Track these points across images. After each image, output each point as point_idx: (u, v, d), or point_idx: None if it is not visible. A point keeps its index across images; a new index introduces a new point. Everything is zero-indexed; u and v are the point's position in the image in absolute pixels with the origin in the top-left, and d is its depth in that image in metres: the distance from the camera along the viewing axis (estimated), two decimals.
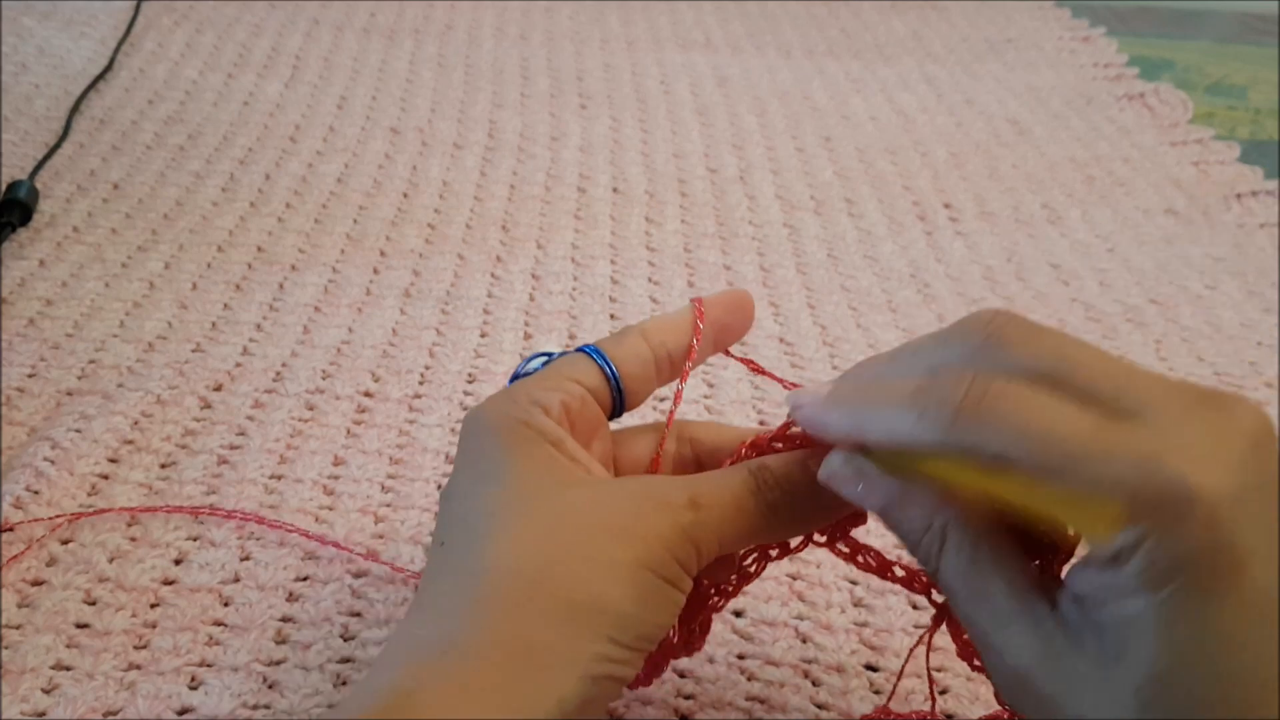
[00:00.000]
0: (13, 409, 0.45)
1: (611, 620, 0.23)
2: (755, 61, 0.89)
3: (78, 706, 0.33)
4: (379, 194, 0.65)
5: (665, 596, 0.24)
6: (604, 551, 0.24)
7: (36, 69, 0.76)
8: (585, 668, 0.22)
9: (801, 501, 0.26)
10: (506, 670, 0.22)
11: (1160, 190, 0.72)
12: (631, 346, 0.29)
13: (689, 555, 0.24)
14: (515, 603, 0.23)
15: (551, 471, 0.25)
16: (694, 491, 0.25)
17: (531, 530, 0.24)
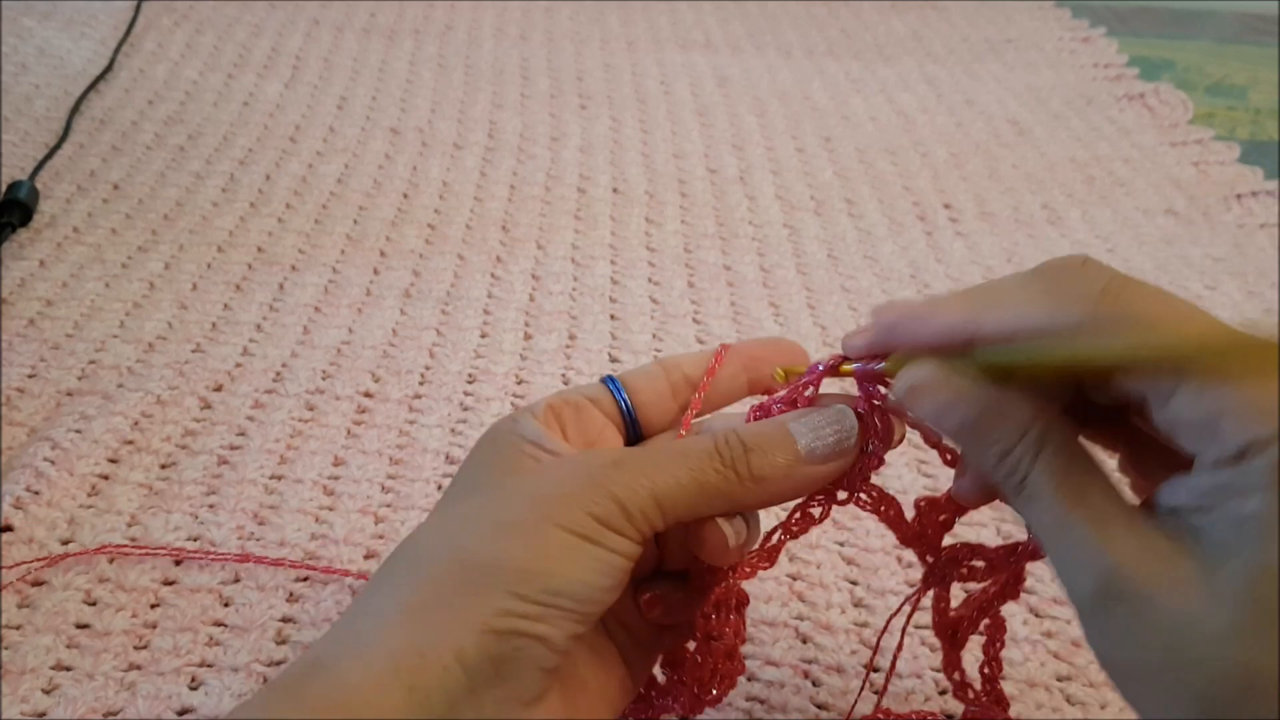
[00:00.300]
0: (13, 409, 0.45)
1: (512, 576, 0.23)
2: (755, 62, 0.89)
3: (78, 707, 0.33)
4: (379, 194, 0.65)
5: (583, 553, 0.24)
6: (508, 513, 0.25)
7: (37, 69, 0.76)
8: (485, 622, 0.23)
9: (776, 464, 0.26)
10: (404, 631, 0.23)
11: (1160, 191, 0.72)
12: (647, 373, 0.30)
13: (612, 512, 0.24)
14: (419, 572, 0.24)
15: (508, 463, 0.26)
16: (624, 453, 0.26)
17: (454, 512, 0.26)
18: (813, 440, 0.26)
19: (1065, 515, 0.22)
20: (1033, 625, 0.38)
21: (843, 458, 0.26)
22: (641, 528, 0.25)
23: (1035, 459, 0.23)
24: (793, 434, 0.26)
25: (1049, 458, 0.23)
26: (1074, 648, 0.37)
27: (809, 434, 0.26)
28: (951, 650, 0.30)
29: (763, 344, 0.31)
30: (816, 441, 0.26)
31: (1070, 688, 0.36)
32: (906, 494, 0.36)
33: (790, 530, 0.28)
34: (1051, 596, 0.39)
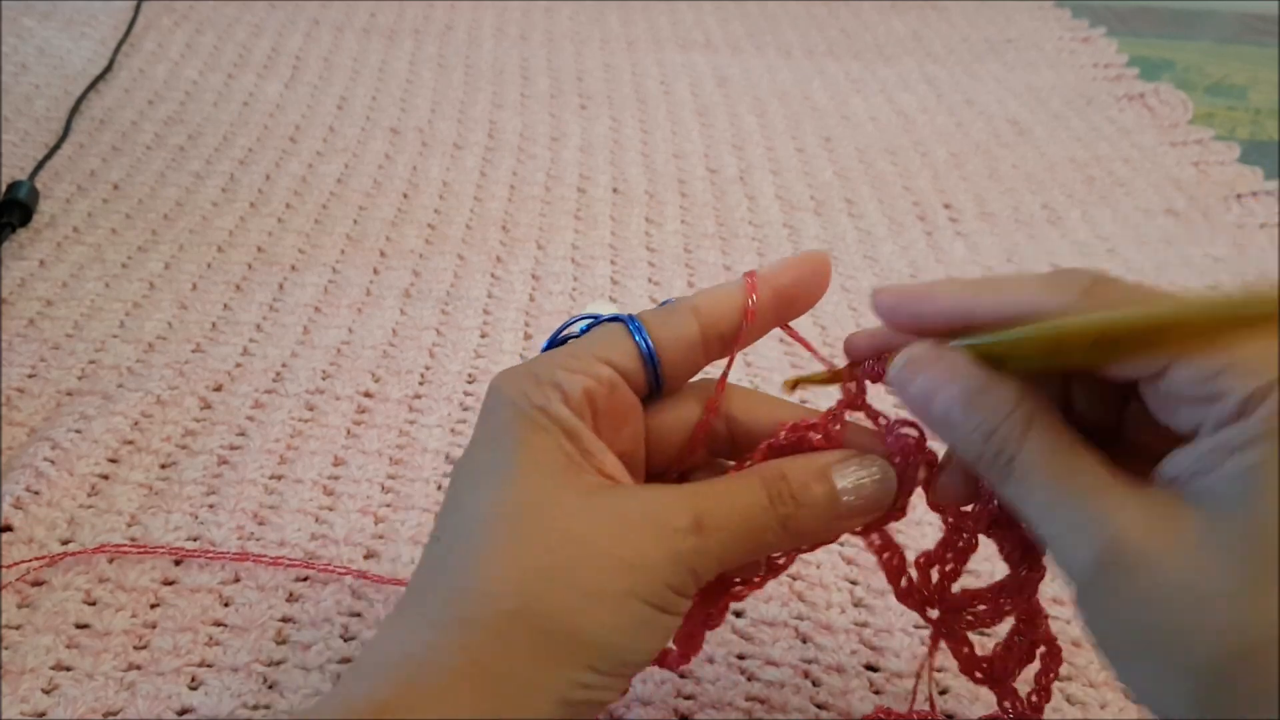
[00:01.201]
0: (13, 409, 0.45)
1: (593, 650, 0.23)
2: (755, 62, 0.89)
3: (78, 707, 0.33)
4: (379, 194, 0.65)
5: (655, 623, 0.24)
6: (593, 581, 0.23)
7: (36, 69, 0.76)
8: (562, 695, 0.22)
9: (819, 517, 0.26)
10: (481, 695, 0.22)
11: (1160, 191, 0.72)
12: (679, 327, 0.26)
13: (685, 582, 0.24)
14: (497, 627, 0.22)
15: (556, 474, 0.24)
16: (698, 512, 0.24)
17: (521, 548, 0.23)
18: (854, 499, 0.26)
19: (1059, 488, 0.22)
20: None
21: (875, 514, 0.27)
22: (699, 588, 0.25)
23: (1024, 437, 0.23)
24: (838, 489, 0.26)
25: (1038, 435, 0.23)
26: (1074, 648, 0.37)
27: (853, 491, 0.26)
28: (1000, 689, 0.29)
29: (786, 269, 0.27)
30: (857, 500, 0.26)
31: (1070, 688, 0.36)
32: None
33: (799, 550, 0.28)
34: (1051, 596, 0.39)
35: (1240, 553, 0.19)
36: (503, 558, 0.23)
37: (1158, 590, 0.20)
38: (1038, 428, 0.23)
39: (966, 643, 0.29)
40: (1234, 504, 0.20)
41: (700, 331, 0.26)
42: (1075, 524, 0.22)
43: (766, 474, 0.26)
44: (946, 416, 0.24)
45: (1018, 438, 0.23)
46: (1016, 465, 0.23)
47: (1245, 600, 0.19)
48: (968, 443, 0.24)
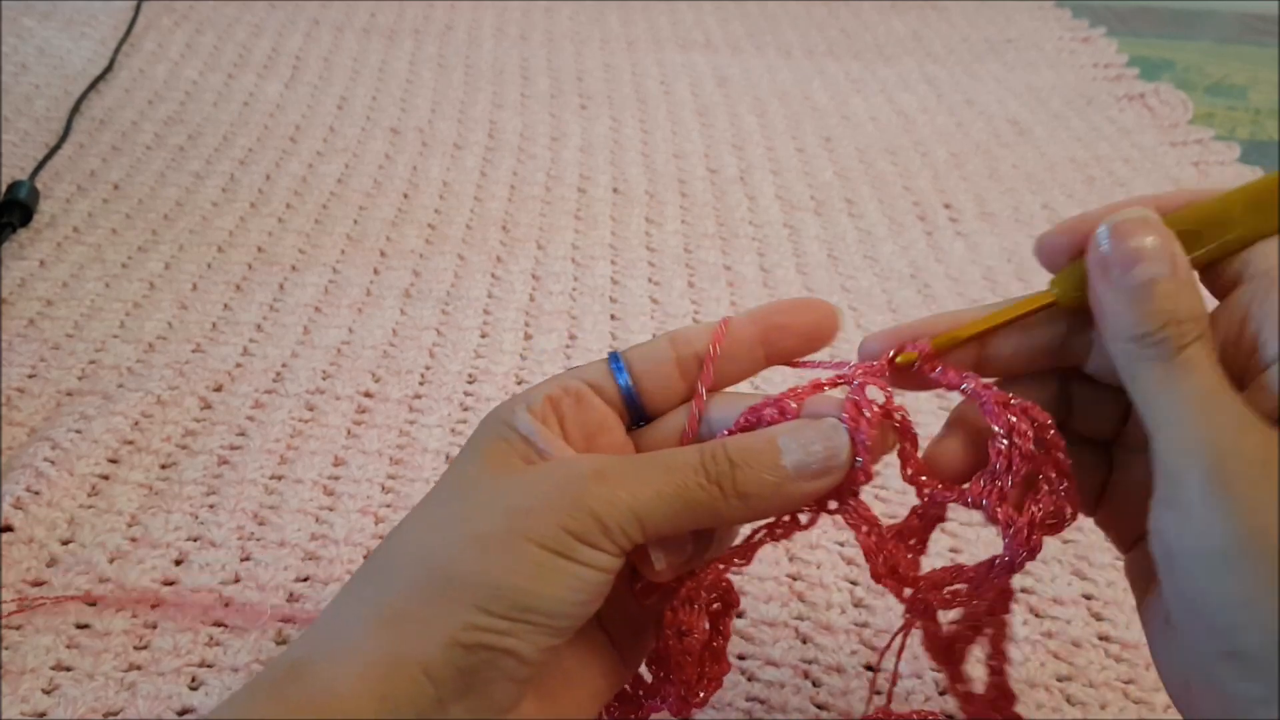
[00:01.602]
0: (13, 409, 0.45)
1: (479, 591, 0.23)
2: (755, 62, 0.89)
3: (78, 707, 0.33)
4: (379, 194, 0.65)
5: (554, 567, 0.23)
6: (480, 525, 0.24)
7: (37, 69, 0.76)
8: (452, 635, 0.23)
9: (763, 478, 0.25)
10: (377, 639, 0.23)
11: (1160, 190, 0.72)
12: (654, 353, 0.28)
13: (588, 527, 0.24)
14: (393, 577, 0.24)
15: (493, 461, 0.25)
16: (605, 463, 0.25)
17: (437, 514, 0.25)
18: (802, 456, 0.25)
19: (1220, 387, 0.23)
20: (1033, 625, 0.38)
21: (831, 475, 0.25)
22: (620, 542, 0.24)
23: (1198, 340, 0.23)
24: (781, 449, 0.25)
25: (1207, 344, 0.23)
26: (1074, 648, 0.37)
27: (798, 450, 0.25)
28: (952, 670, 0.30)
29: (780, 310, 0.28)
30: (806, 458, 0.25)
31: (1070, 688, 0.36)
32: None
33: (774, 534, 0.27)
34: (1051, 596, 0.39)
35: None
36: (413, 523, 0.26)
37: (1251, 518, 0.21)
38: (1207, 341, 0.23)
39: (934, 621, 0.29)
40: None
41: (676, 356, 0.27)
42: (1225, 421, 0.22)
43: (706, 443, 0.26)
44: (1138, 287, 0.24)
45: (1195, 336, 0.23)
46: (1189, 352, 0.23)
47: None
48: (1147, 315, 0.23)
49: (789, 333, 0.28)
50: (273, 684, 0.23)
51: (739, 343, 0.27)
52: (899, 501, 0.42)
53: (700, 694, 0.28)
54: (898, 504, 0.42)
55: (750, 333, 0.28)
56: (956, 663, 0.30)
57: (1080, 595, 0.39)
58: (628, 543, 0.24)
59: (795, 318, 0.28)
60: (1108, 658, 0.37)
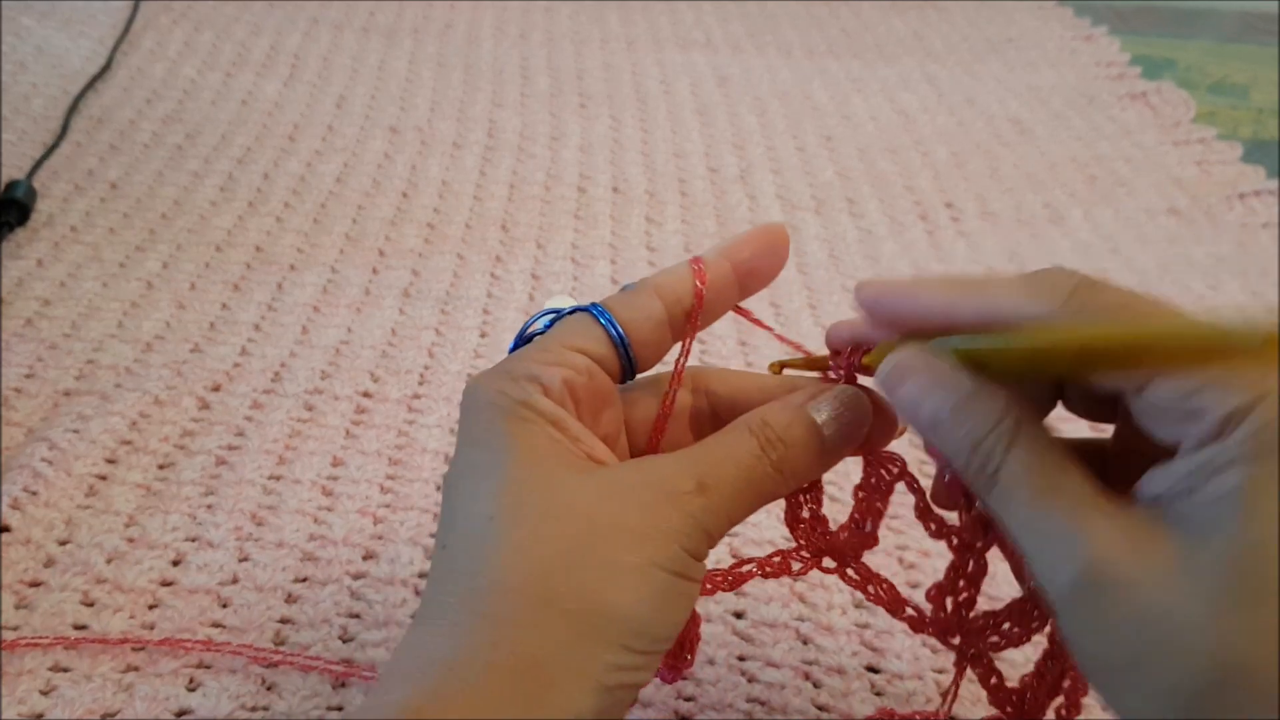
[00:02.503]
0: (10, 409, 0.45)
1: (624, 627, 0.22)
2: (755, 61, 0.88)
3: (75, 708, 0.32)
4: (378, 194, 0.65)
5: (679, 592, 0.23)
6: (612, 555, 0.22)
7: (34, 68, 0.76)
8: (598, 679, 0.22)
9: (808, 453, 0.26)
10: (516, 688, 0.21)
11: (1162, 190, 0.72)
12: (644, 307, 0.27)
13: (700, 544, 0.24)
14: (523, 617, 0.22)
15: (550, 461, 0.24)
16: (699, 472, 0.24)
17: (533, 536, 0.23)
18: (835, 426, 0.26)
19: (1039, 505, 0.22)
20: None
21: (856, 440, 0.27)
22: (712, 548, 0.24)
23: (1009, 449, 0.22)
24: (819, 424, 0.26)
25: (1023, 448, 0.22)
26: None
27: (832, 421, 0.26)
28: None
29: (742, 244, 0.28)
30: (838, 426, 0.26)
31: None
32: None
33: (765, 570, 0.27)
34: None
35: (1219, 578, 0.19)
36: (516, 548, 0.23)
37: (1135, 615, 0.20)
38: (1023, 440, 0.22)
39: (995, 672, 0.28)
40: (1213, 529, 0.19)
41: (665, 309, 0.27)
42: (1054, 543, 0.21)
43: (751, 423, 0.26)
44: (934, 423, 0.24)
45: (1003, 450, 0.22)
46: (1001, 477, 0.22)
47: (1225, 624, 0.19)
48: (956, 451, 0.23)
49: (758, 273, 0.28)
50: None
51: (718, 285, 0.27)
52: None
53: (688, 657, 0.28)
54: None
55: (725, 274, 0.27)
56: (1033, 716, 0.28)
57: None
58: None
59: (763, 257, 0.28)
60: None
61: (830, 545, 0.27)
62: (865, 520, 0.27)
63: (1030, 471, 0.22)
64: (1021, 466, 0.22)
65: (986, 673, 0.28)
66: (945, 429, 0.23)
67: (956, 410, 0.23)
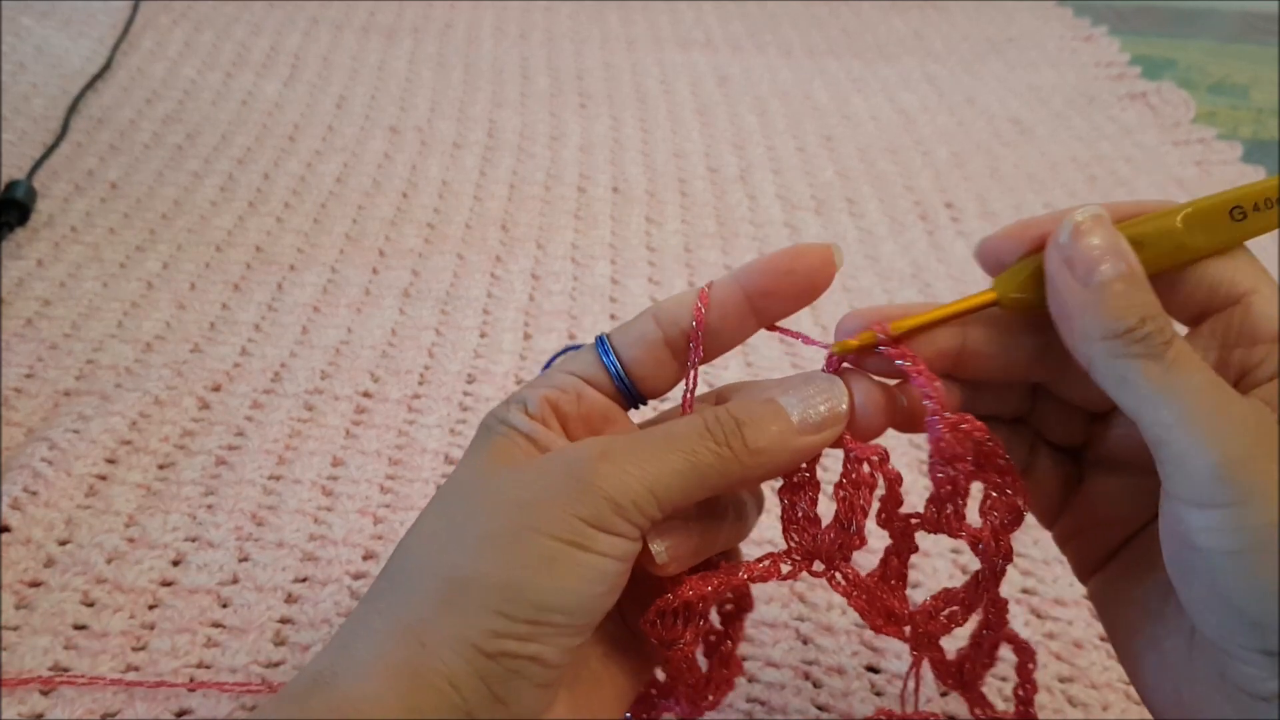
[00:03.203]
0: (10, 409, 0.45)
1: (496, 594, 0.22)
2: (756, 61, 0.88)
3: (75, 708, 0.32)
4: (378, 194, 0.65)
5: (567, 558, 0.22)
6: (488, 524, 0.23)
7: (34, 68, 0.76)
8: (474, 644, 0.22)
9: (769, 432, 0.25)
10: (400, 649, 0.22)
11: (1162, 189, 0.72)
12: (639, 332, 0.26)
13: (599, 510, 0.23)
14: (409, 587, 0.23)
15: (497, 463, 0.25)
16: (609, 443, 0.24)
17: (440, 519, 0.25)
18: (804, 410, 0.25)
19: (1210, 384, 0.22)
20: (1035, 626, 0.38)
21: (836, 425, 0.25)
22: (638, 521, 0.23)
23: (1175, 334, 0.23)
24: (784, 405, 0.25)
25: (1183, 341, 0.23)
26: (1076, 649, 0.37)
27: (800, 404, 0.25)
28: (970, 694, 0.29)
29: (765, 270, 0.26)
30: (809, 410, 0.25)
31: (1072, 689, 0.36)
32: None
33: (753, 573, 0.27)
34: (1053, 598, 0.39)
35: None
36: (422, 529, 0.25)
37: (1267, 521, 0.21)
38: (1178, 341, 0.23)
39: (939, 650, 0.29)
40: None
41: (662, 332, 0.26)
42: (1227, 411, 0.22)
43: (706, 407, 0.26)
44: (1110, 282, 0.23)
45: (1172, 332, 0.23)
46: (1173, 349, 0.22)
47: None
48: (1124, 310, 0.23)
49: (778, 298, 0.26)
50: (295, 699, 0.23)
51: (726, 311, 0.26)
52: None
53: (709, 697, 0.28)
54: None
55: (736, 298, 0.26)
56: (972, 687, 0.29)
57: (1082, 596, 0.39)
58: (645, 521, 0.23)
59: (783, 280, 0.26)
60: (1109, 659, 0.37)
61: (818, 548, 0.27)
62: (849, 520, 0.26)
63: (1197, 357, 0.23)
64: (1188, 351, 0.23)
65: (934, 653, 0.29)
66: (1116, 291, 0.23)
67: (1131, 278, 0.23)
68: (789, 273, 0.26)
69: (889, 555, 0.28)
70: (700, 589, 0.26)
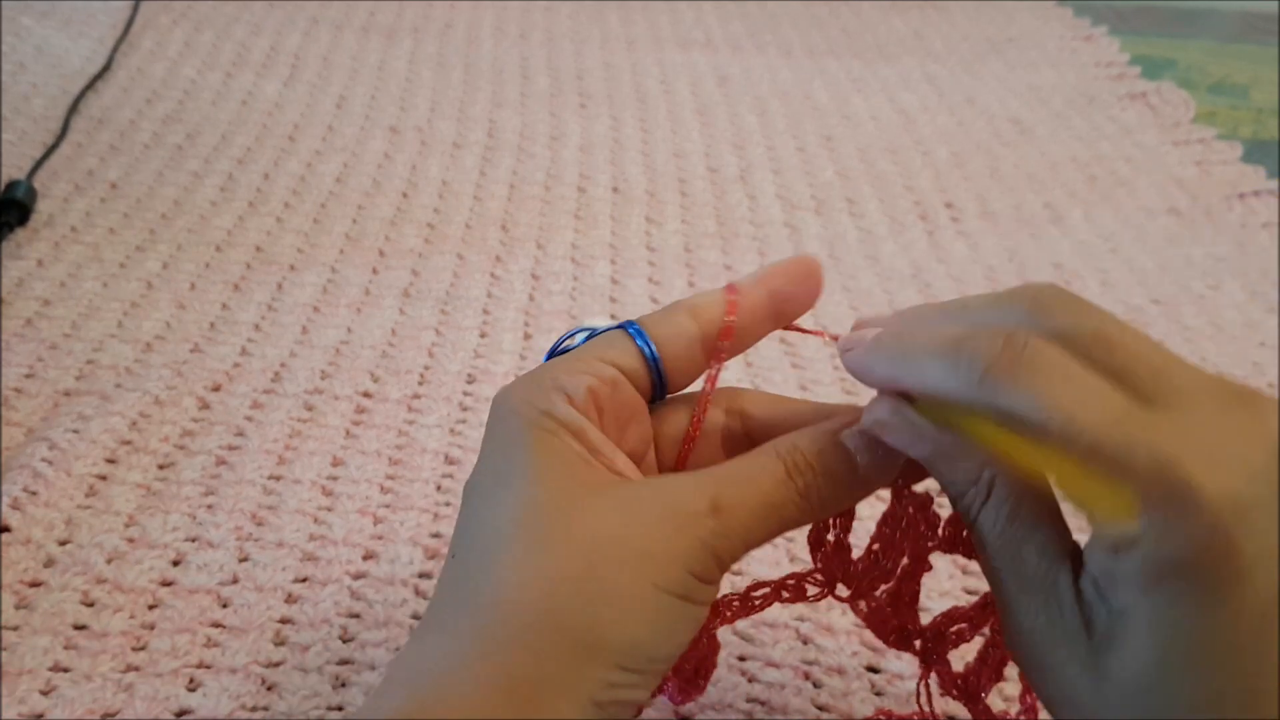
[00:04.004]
0: (10, 409, 0.45)
1: (620, 649, 0.22)
2: (756, 61, 0.88)
3: (75, 708, 0.32)
4: (378, 194, 0.65)
5: (681, 613, 0.23)
6: (613, 577, 0.22)
7: (34, 68, 0.76)
8: (591, 695, 0.22)
9: (838, 482, 0.25)
10: (510, 703, 0.21)
11: (1162, 190, 0.72)
12: (677, 325, 0.26)
13: (709, 567, 0.23)
14: (521, 635, 0.22)
15: (567, 476, 0.24)
16: (716, 493, 0.24)
17: (540, 556, 0.23)
18: (869, 460, 0.25)
19: (997, 571, 0.23)
20: None
21: (894, 469, 0.26)
22: (725, 572, 0.24)
23: (981, 507, 0.23)
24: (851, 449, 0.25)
25: (993, 508, 0.23)
26: None
27: (865, 452, 0.25)
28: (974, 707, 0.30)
29: (776, 272, 0.28)
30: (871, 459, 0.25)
31: None
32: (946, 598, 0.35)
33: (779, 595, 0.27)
34: None
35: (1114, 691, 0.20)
36: (521, 564, 0.23)
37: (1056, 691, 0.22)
38: (994, 500, 0.23)
39: (945, 662, 0.29)
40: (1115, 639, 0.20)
41: (699, 328, 0.26)
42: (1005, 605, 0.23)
43: (780, 447, 0.25)
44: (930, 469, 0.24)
45: (978, 506, 0.23)
46: (974, 530, 0.23)
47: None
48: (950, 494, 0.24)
49: (794, 301, 0.28)
50: None
51: (751, 312, 0.27)
52: None
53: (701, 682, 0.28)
54: None
55: (761, 301, 0.27)
56: (976, 698, 0.29)
57: None
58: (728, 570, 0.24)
59: (799, 284, 0.28)
60: None
61: (847, 575, 0.27)
62: (885, 557, 0.26)
63: (994, 534, 0.23)
64: (987, 526, 0.23)
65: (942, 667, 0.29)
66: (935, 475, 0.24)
67: (934, 464, 0.24)
68: (808, 276, 0.28)
69: (904, 576, 0.28)
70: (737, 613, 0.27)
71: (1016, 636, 0.23)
